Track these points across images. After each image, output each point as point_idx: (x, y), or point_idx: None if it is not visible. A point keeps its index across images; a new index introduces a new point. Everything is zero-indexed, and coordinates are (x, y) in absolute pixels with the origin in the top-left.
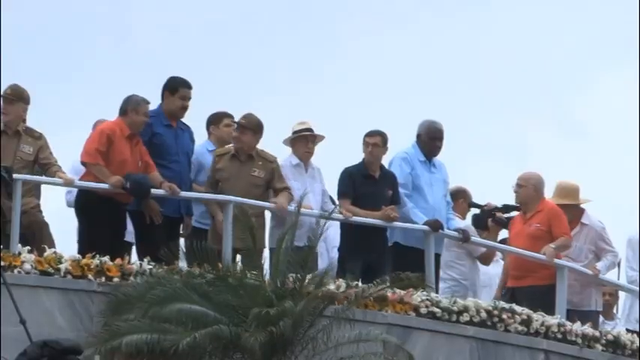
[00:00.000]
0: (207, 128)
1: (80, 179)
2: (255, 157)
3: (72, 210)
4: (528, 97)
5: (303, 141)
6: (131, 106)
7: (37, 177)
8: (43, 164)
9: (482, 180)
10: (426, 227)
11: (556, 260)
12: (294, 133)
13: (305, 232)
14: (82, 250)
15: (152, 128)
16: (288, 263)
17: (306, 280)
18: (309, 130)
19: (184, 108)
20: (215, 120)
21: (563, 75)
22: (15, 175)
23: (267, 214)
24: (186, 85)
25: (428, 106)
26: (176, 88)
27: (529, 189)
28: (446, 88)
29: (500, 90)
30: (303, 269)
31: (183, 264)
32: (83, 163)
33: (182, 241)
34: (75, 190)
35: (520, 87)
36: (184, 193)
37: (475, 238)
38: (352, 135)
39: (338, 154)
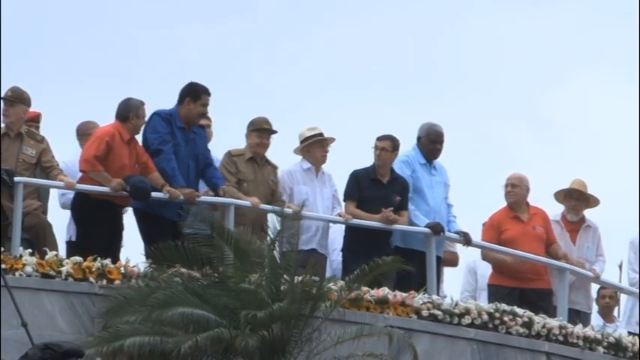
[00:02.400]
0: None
1: (78, 182)
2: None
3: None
4: (500, 96)
5: (319, 146)
6: (133, 111)
7: (39, 180)
8: (45, 167)
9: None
10: (427, 230)
11: (558, 263)
12: (307, 139)
13: (313, 236)
14: (80, 252)
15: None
16: (287, 266)
17: (295, 282)
18: (321, 134)
19: (203, 115)
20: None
21: (535, 73)
22: (16, 178)
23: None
24: (207, 92)
25: (415, 108)
26: (198, 96)
27: (523, 189)
28: (437, 90)
29: (471, 90)
30: (299, 272)
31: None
32: (83, 171)
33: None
34: (69, 192)
35: (491, 86)
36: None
37: (477, 240)
38: (360, 138)
39: (346, 158)
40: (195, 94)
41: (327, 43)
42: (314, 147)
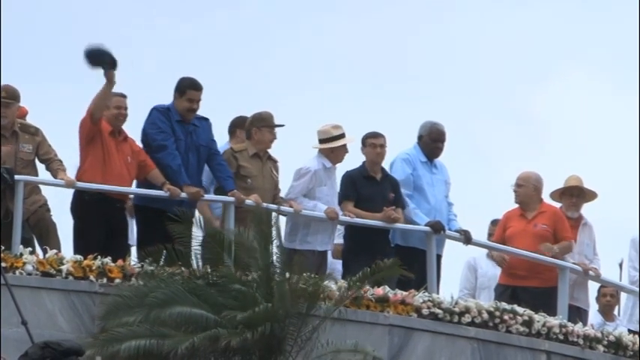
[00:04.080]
0: (231, 130)
1: (77, 178)
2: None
3: None
4: (484, 94)
5: (344, 148)
6: None
7: (39, 178)
8: (44, 160)
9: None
10: (427, 228)
11: (558, 261)
12: (333, 138)
13: (326, 237)
14: (77, 250)
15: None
16: (283, 265)
17: (290, 281)
18: (344, 135)
19: (191, 110)
20: (241, 124)
21: (519, 71)
22: (16, 177)
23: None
24: (194, 87)
25: (398, 106)
26: (183, 91)
27: (529, 188)
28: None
29: (455, 88)
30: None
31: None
32: (89, 121)
33: None
34: None
35: (475, 84)
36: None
37: (477, 239)
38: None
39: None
40: (180, 88)
41: (317, 41)
42: (340, 148)
